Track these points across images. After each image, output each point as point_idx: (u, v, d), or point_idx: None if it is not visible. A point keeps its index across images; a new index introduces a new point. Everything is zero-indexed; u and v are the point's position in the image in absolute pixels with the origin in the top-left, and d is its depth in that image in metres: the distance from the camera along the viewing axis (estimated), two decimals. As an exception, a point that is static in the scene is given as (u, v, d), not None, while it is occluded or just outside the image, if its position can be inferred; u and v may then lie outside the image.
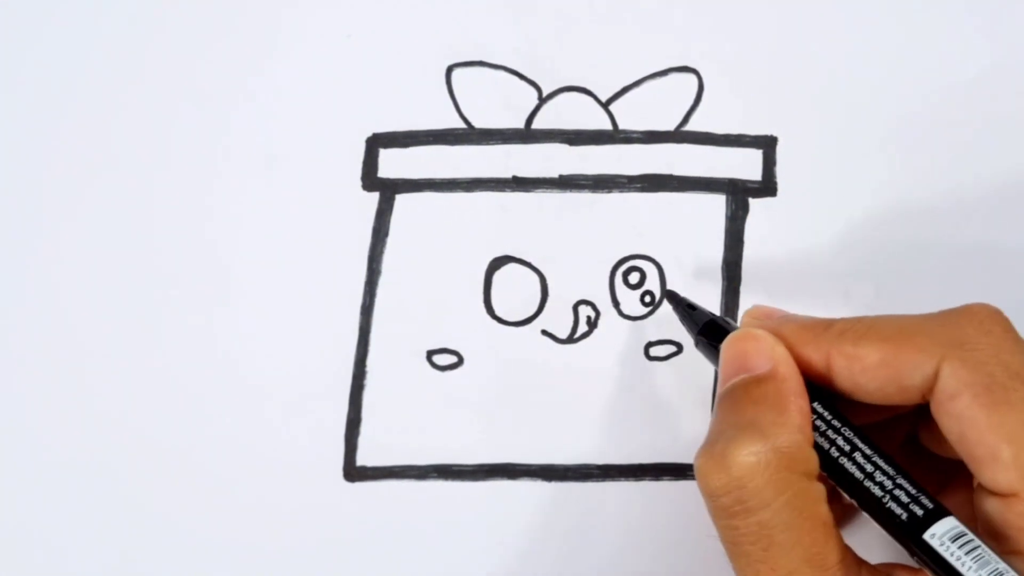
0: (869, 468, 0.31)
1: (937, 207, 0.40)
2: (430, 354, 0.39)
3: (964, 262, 0.40)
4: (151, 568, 0.38)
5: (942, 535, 0.29)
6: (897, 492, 0.30)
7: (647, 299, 0.39)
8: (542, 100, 0.40)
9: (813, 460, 0.31)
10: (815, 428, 0.31)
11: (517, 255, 0.40)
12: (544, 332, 0.39)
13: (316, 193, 0.40)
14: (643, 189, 0.40)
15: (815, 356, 0.32)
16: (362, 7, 0.41)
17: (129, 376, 0.39)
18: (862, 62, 0.40)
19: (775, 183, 0.40)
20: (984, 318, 0.31)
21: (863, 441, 0.31)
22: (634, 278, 0.39)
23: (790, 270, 0.40)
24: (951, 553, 0.29)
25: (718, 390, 0.33)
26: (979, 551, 0.29)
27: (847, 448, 0.31)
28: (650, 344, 0.39)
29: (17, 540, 0.38)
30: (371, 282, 0.39)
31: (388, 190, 0.40)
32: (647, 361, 0.39)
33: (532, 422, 0.39)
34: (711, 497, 0.30)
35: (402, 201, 0.40)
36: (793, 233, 0.40)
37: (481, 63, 0.40)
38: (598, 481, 0.38)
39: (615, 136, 0.40)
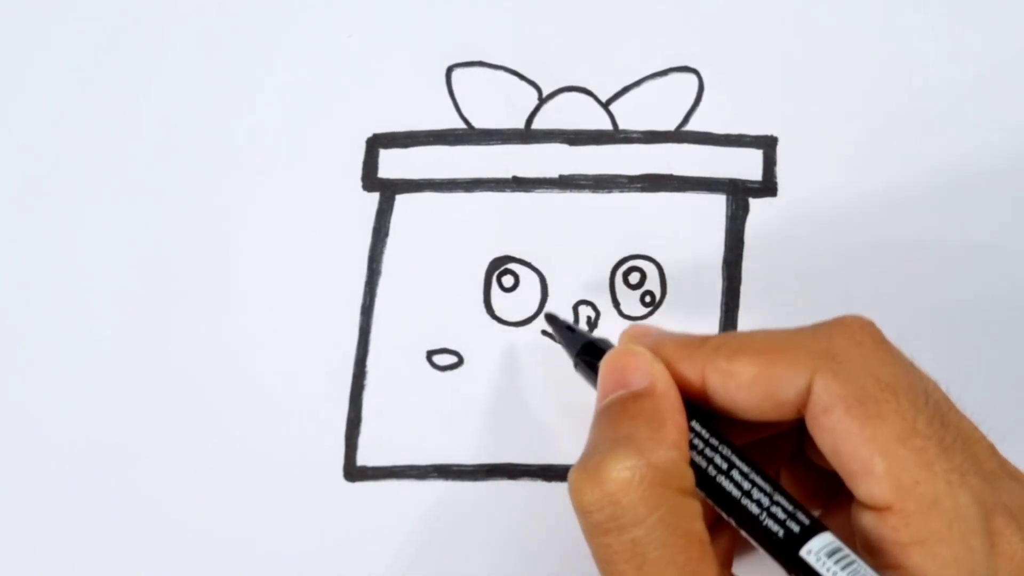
0: (746, 486, 0.30)
1: (937, 207, 0.40)
2: (430, 354, 0.39)
3: (964, 262, 0.40)
4: (151, 568, 0.38)
5: (818, 551, 0.29)
6: (774, 509, 0.30)
7: (647, 299, 0.39)
8: (542, 100, 0.40)
9: (689, 477, 0.30)
10: (692, 447, 0.31)
11: (517, 255, 0.40)
12: (544, 332, 0.39)
13: (316, 193, 0.40)
14: (643, 189, 0.40)
15: (691, 373, 0.31)
16: (362, 7, 0.41)
17: (129, 375, 0.39)
18: (862, 62, 0.40)
19: (775, 183, 0.40)
20: (856, 330, 0.30)
21: (740, 459, 0.31)
22: (634, 278, 0.39)
23: (790, 270, 0.40)
24: (827, 568, 0.28)
25: (596, 407, 0.32)
26: (855, 566, 0.28)
27: (724, 466, 0.31)
28: (650, 344, 0.39)
29: (18, 536, 0.38)
30: (371, 282, 0.40)
31: (388, 190, 0.40)
32: (647, 361, 0.39)
33: (532, 422, 0.39)
34: (584, 513, 0.30)
35: (402, 201, 0.40)
36: (793, 233, 0.40)
37: (481, 63, 0.40)
38: (598, 481, 0.38)
39: (615, 136, 0.40)
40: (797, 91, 0.40)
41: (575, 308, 0.39)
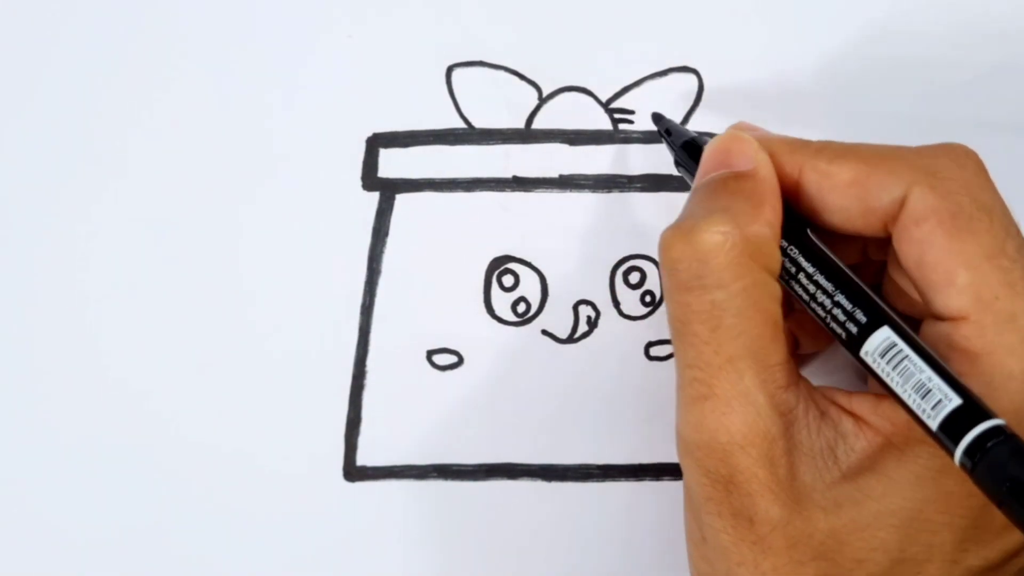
0: (812, 288, 0.31)
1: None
2: (430, 354, 0.39)
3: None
4: (150, 567, 0.38)
5: (873, 352, 0.29)
6: (836, 311, 0.30)
7: (647, 299, 0.39)
8: (542, 100, 0.40)
9: (776, 258, 0.31)
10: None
11: (517, 255, 0.40)
12: (544, 332, 0.39)
13: (316, 193, 0.40)
14: (643, 189, 0.40)
15: (789, 168, 0.32)
16: (362, 7, 0.41)
17: (127, 376, 0.39)
18: (862, 62, 0.40)
19: (775, 183, 0.40)
20: (960, 154, 0.31)
21: (809, 259, 0.31)
22: (634, 278, 0.39)
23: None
24: (881, 369, 0.29)
25: (695, 185, 0.33)
26: (904, 363, 0.28)
27: (793, 270, 0.31)
28: (650, 344, 0.39)
29: (19, 538, 0.38)
30: (371, 282, 0.39)
31: (388, 190, 0.40)
32: (647, 361, 0.39)
33: (532, 422, 0.39)
34: (670, 268, 0.30)
35: (402, 201, 0.40)
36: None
37: (481, 63, 0.40)
38: (598, 481, 0.38)
39: (615, 136, 0.40)
40: (797, 91, 0.40)
41: (575, 308, 0.39)
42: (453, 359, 0.39)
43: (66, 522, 0.38)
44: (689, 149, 0.35)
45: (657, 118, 0.39)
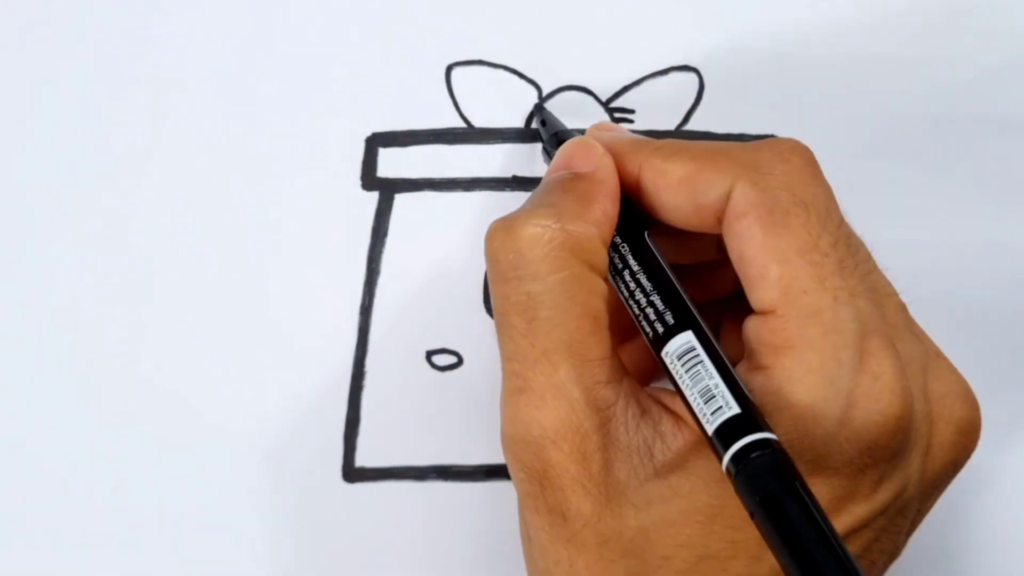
0: (632, 286, 0.31)
1: (937, 207, 0.40)
2: (429, 354, 0.39)
3: (964, 262, 0.40)
4: (149, 568, 0.38)
5: (672, 353, 0.30)
6: (648, 310, 0.31)
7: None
8: (542, 99, 0.40)
9: (601, 256, 0.31)
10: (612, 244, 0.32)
11: (517, 255, 0.39)
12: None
13: (315, 193, 0.40)
14: (643, 189, 0.40)
15: (630, 166, 0.32)
16: (362, 7, 0.41)
17: (126, 375, 0.39)
18: (863, 62, 0.41)
19: (775, 183, 0.40)
20: (785, 148, 0.31)
21: (636, 259, 0.31)
22: (634, 278, 0.39)
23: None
24: (676, 370, 0.29)
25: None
26: (698, 368, 0.29)
27: (620, 266, 0.32)
28: (650, 344, 0.39)
29: (17, 537, 0.38)
30: (370, 282, 0.39)
31: (387, 189, 0.40)
32: (647, 361, 0.39)
33: (532, 422, 0.38)
34: (491, 259, 0.31)
35: (401, 201, 0.40)
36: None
37: (481, 62, 0.40)
38: (598, 481, 0.38)
39: (615, 136, 0.40)
40: (797, 91, 0.40)
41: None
42: (453, 359, 0.39)
43: (64, 523, 0.38)
44: (559, 142, 0.36)
45: (538, 108, 0.39)
